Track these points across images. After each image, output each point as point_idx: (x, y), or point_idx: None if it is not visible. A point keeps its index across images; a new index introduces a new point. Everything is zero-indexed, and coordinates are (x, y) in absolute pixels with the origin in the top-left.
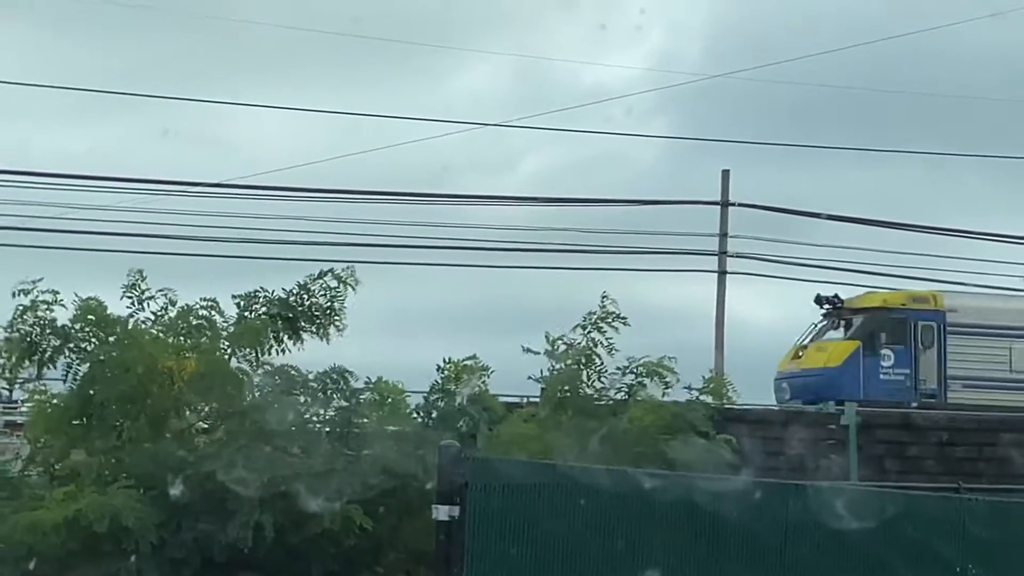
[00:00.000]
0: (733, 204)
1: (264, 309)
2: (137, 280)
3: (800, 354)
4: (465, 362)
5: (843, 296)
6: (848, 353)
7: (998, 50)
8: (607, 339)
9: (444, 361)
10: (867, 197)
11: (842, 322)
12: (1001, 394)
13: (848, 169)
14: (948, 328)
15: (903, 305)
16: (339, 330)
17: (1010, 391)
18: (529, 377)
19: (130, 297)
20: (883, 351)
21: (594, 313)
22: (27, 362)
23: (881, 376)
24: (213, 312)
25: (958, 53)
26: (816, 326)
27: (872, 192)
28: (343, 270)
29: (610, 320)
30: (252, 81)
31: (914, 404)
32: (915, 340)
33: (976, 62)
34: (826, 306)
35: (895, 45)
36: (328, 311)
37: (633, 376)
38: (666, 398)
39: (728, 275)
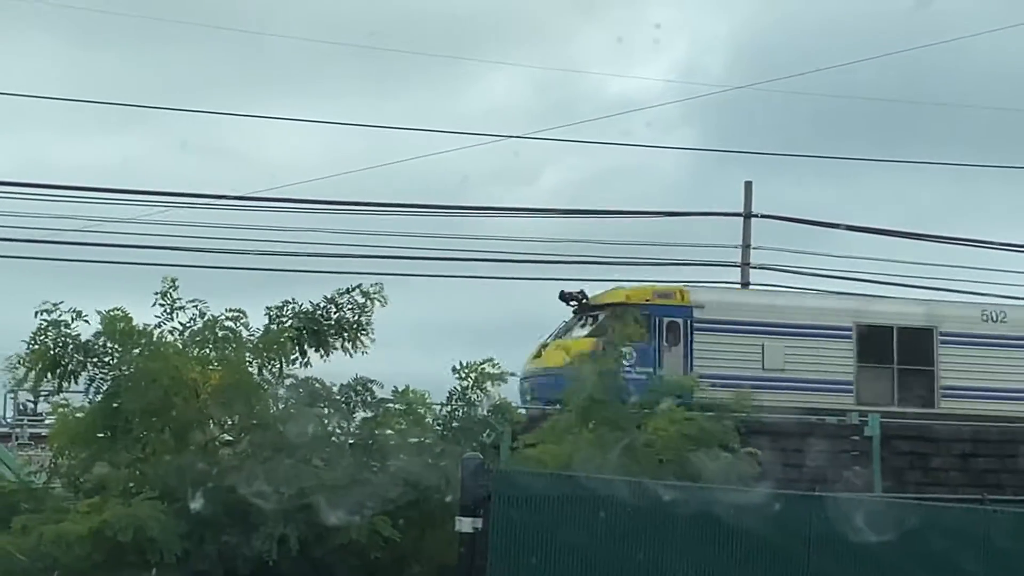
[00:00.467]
0: (756, 216)
1: (291, 322)
2: (169, 288)
3: (541, 353)
4: (482, 366)
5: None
6: (586, 351)
7: None
8: (629, 351)
9: (459, 364)
10: (894, 208)
11: (589, 319)
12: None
13: (875, 180)
14: (695, 324)
15: (647, 301)
16: (365, 344)
17: (763, 390)
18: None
19: (163, 305)
20: (624, 349)
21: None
22: (49, 375)
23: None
24: (238, 324)
25: (985, 65)
26: (565, 323)
27: (899, 203)
28: (371, 286)
29: (633, 334)
30: (275, 94)
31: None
32: (659, 337)
33: (1003, 74)
34: (572, 303)
35: (921, 56)
36: (355, 325)
37: (661, 390)
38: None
39: (751, 287)
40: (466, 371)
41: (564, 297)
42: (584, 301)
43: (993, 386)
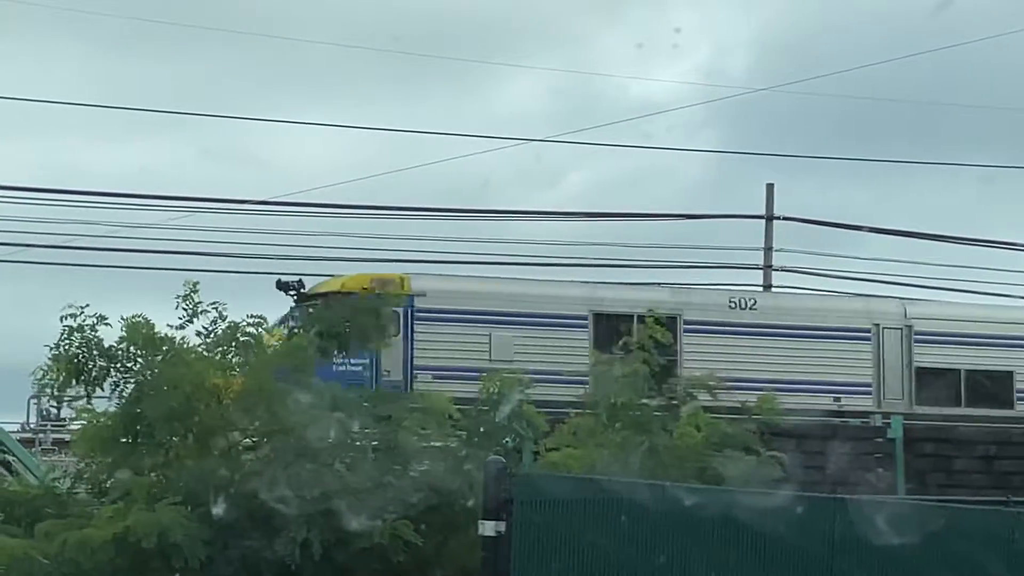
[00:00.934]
0: (777, 218)
1: (314, 326)
2: (191, 292)
3: None
4: (507, 375)
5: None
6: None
7: None
8: (651, 351)
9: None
10: (922, 210)
11: (306, 309)
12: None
13: (903, 181)
14: (416, 314)
15: (363, 289)
16: (387, 346)
17: None
18: (570, 398)
19: (185, 309)
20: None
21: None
22: (74, 382)
23: (334, 367)
24: (260, 329)
25: (1013, 65)
26: (286, 314)
27: (927, 205)
28: (393, 282)
29: (656, 335)
30: (298, 98)
31: None
32: None
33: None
34: (291, 292)
35: (946, 56)
36: (377, 327)
37: (682, 390)
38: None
39: (773, 290)
40: (490, 382)
41: (281, 287)
42: (302, 291)
43: (740, 376)
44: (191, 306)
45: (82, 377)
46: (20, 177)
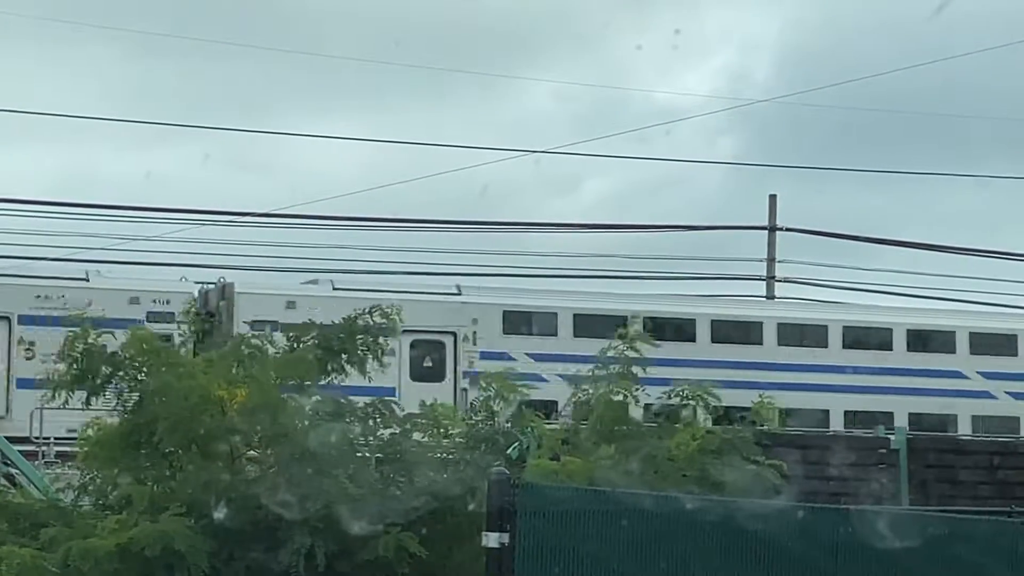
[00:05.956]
0: (780, 229)
1: (312, 342)
2: (192, 307)
3: None
4: (503, 374)
5: None
6: None
7: None
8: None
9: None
10: (944, 220)
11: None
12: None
13: (924, 191)
14: None
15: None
16: (383, 365)
17: None
18: (564, 405)
19: (184, 324)
20: None
21: (626, 334)
22: (77, 388)
23: None
24: (264, 341)
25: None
26: None
27: (949, 215)
28: (389, 306)
29: (644, 340)
30: (317, 110)
31: None
32: None
33: None
34: None
35: (969, 64)
36: (374, 346)
37: (678, 400)
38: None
39: (776, 300)
40: (488, 381)
41: None
42: None
43: None
44: (191, 321)
45: (86, 383)
46: (47, 188)
